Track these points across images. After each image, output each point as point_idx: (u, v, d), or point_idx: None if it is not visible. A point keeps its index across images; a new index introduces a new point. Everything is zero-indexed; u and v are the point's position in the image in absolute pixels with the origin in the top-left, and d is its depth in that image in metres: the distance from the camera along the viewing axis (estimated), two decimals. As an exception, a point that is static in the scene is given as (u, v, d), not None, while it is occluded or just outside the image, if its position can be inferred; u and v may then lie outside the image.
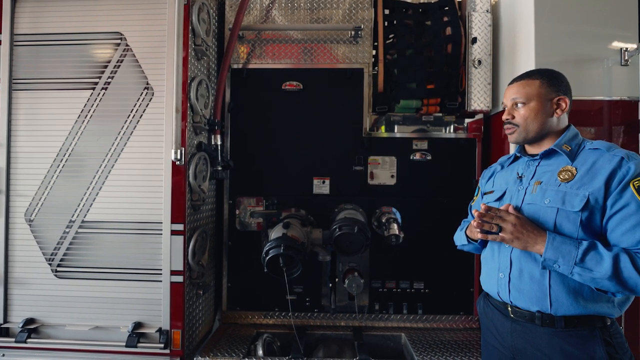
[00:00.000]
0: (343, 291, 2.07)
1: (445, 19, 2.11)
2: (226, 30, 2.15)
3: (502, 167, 1.37)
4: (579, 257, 1.02)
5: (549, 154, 1.20)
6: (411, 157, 2.12)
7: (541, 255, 1.07)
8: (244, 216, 2.15)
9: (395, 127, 2.14)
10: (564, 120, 1.23)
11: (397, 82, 2.12)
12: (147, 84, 1.76)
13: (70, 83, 1.80)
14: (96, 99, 1.79)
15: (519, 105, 1.22)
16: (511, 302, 1.18)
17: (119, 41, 1.78)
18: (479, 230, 1.14)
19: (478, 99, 2.01)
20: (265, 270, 1.70)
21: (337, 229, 1.79)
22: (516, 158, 1.31)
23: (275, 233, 1.82)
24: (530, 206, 1.15)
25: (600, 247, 1.03)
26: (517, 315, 1.16)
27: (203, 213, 1.96)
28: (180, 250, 1.71)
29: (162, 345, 1.68)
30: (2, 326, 1.77)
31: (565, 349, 1.09)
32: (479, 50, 2.02)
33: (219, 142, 2.03)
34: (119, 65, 1.78)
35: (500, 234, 1.12)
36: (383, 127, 2.16)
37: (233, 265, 2.15)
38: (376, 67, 2.14)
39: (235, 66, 2.17)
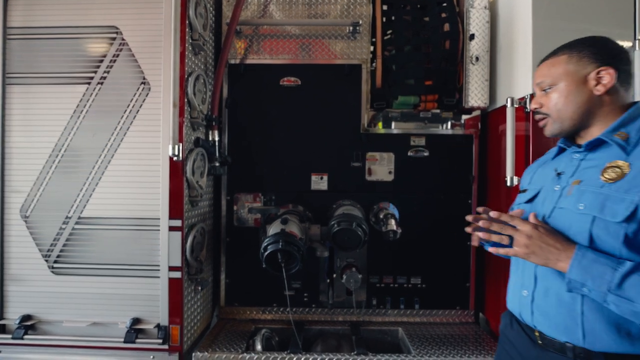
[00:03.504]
0: (341, 286, 2.09)
1: (444, 15, 2.11)
2: (223, 25, 2.13)
3: (546, 160, 1.13)
4: (615, 281, 0.79)
5: (596, 146, 0.94)
6: (409, 154, 2.12)
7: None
8: (242, 212, 2.15)
9: (393, 123, 2.14)
10: (623, 98, 0.95)
11: (395, 78, 2.12)
12: (144, 79, 1.75)
13: (65, 77, 1.77)
14: (92, 93, 1.76)
15: (547, 90, 0.99)
16: (535, 327, 0.97)
17: (114, 35, 1.76)
18: (482, 239, 0.93)
19: (475, 96, 2.02)
20: (264, 266, 1.71)
21: (335, 225, 1.80)
22: (562, 150, 1.06)
23: (273, 229, 1.82)
24: (562, 212, 0.93)
25: None
26: (545, 342, 0.95)
27: (201, 209, 1.96)
28: (179, 246, 1.71)
29: (160, 340, 1.68)
30: (-2, 323, 1.76)
31: None
32: (476, 47, 2.02)
33: (216, 138, 2.02)
34: (115, 60, 1.76)
35: (513, 246, 0.91)
36: (380, 124, 2.16)
37: (231, 261, 2.16)
38: (374, 63, 2.14)
39: (232, 61, 2.15)
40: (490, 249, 0.96)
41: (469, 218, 0.98)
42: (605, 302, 0.81)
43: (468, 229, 0.98)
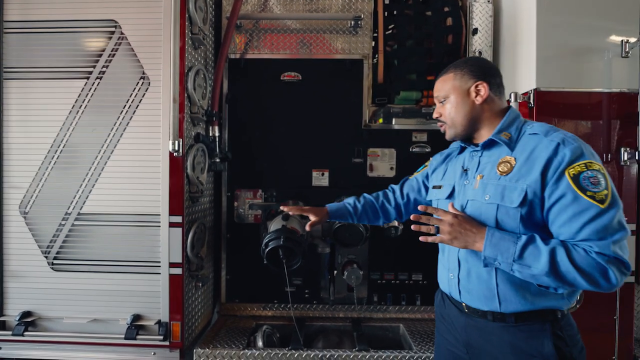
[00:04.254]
0: (342, 283, 2.08)
1: (446, 9, 2.08)
2: (223, 19, 2.10)
3: (451, 157, 1.31)
4: (517, 253, 0.97)
5: (489, 145, 1.14)
6: (411, 149, 2.11)
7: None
8: (243, 208, 2.14)
9: (395, 119, 2.12)
10: (498, 104, 1.15)
11: (397, 73, 2.10)
12: (143, 73, 1.73)
13: (64, 72, 1.75)
14: (90, 88, 1.74)
15: (443, 102, 1.20)
16: (462, 302, 1.16)
17: (113, 29, 1.74)
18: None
19: (478, 91, 2.00)
20: (265, 262, 1.70)
21: (337, 221, 1.78)
22: (464, 148, 1.26)
23: (274, 225, 1.80)
24: (473, 203, 1.11)
25: (538, 241, 0.97)
26: (471, 311, 1.14)
27: (201, 205, 1.95)
28: (179, 243, 1.70)
29: (161, 337, 1.68)
30: (-2, 319, 1.75)
31: (514, 344, 1.06)
32: (479, 42, 2.00)
33: (217, 134, 2.01)
34: (114, 54, 1.74)
35: (438, 234, 1.08)
36: (380, 120, 2.14)
37: (231, 258, 2.15)
38: (376, 58, 2.12)
39: (232, 56, 2.13)
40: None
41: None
42: (512, 270, 0.99)
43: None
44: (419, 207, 1.13)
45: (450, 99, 1.17)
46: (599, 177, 0.96)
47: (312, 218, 1.46)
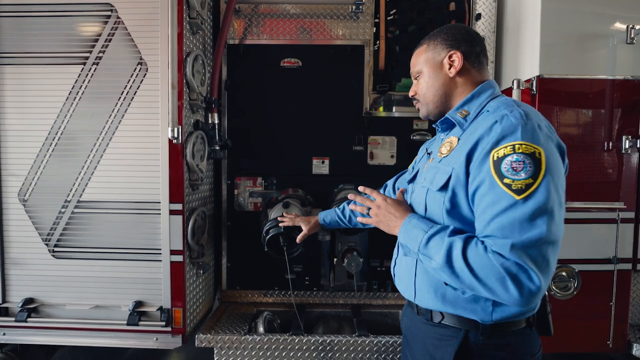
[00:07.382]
0: (342, 270, 2.10)
1: (449, -7, 2.04)
2: (222, 3, 2.05)
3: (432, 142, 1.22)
4: (423, 242, 0.86)
5: (445, 124, 1.02)
6: (411, 137, 2.10)
7: None
8: (243, 196, 2.14)
9: (396, 106, 2.10)
10: (475, 77, 0.98)
11: (399, 59, 2.07)
12: (141, 59, 1.69)
13: (59, 58, 1.72)
14: (87, 74, 1.71)
15: (417, 78, 1.06)
16: (397, 287, 1.11)
17: (109, 13, 1.70)
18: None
19: (480, 78, 1.98)
20: (266, 250, 1.71)
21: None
22: None
23: (275, 213, 1.81)
24: (418, 187, 1.03)
25: (448, 232, 0.83)
26: (405, 297, 1.10)
27: (201, 193, 1.94)
28: (180, 230, 1.70)
29: (163, 323, 1.70)
30: (1, 306, 1.76)
31: (425, 342, 0.97)
32: (482, 27, 1.97)
33: (216, 121, 1.99)
34: (110, 39, 1.70)
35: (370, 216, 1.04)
36: (381, 108, 2.12)
37: (232, 245, 2.16)
38: (377, 44, 2.09)
39: (231, 42, 2.09)
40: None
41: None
42: (420, 260, 0.91)
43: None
44: (359, 188, 1.09)
45: (423, 74, 1.03)
46: (526, 162, 0.77)
47: (304, 229, 1.49)
